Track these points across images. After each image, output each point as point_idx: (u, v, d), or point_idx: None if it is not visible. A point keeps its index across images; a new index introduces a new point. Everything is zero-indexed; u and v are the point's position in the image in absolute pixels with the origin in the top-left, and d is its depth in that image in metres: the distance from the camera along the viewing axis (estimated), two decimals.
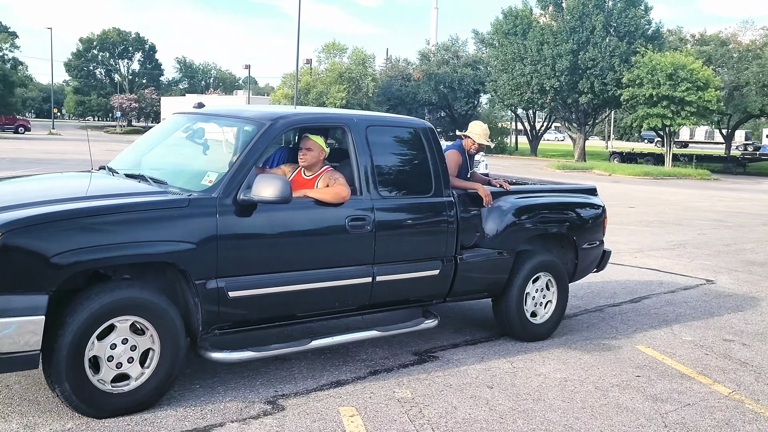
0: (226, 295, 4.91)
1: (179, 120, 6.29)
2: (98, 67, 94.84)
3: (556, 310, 7.01)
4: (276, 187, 4.84)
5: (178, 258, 4.71)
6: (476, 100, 65.57)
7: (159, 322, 4.67)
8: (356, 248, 5.55)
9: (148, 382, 4.71)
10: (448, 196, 6.13)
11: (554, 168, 43.93)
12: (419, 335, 6.87)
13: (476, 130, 7.07)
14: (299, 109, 6.07)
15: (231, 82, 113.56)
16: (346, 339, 5.75)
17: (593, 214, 7.37)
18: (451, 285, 6.23)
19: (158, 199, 4.85)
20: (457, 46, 65.63)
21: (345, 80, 60.43)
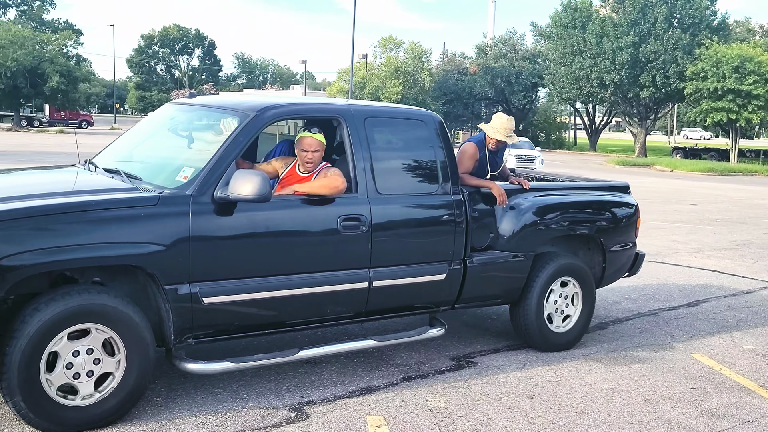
0: (200, 302, 4.51)
1: (170, 111, 5.90)
2: (159, 63, 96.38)
3: (581, 318, 6.45)
4: (254, 185, 4.44)
5: (145, 261, 4.32)
6: (534, 94, 64.54)
7: (123, 330, 4.29)
8: (350, 250, 5.10)
9: (113, 395, 4.33)
10: (457, 193, 5.65)
11: (613, 163, 42.92)
12: (459, 338, 6.52)
13: (494, 123, 6.45)
14: (291, 98, 5.66)
15: (288, 77, 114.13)
16: (337, 349, 5.30)
17: (624, 214, 6.79)
18: (459, 290, 5.74)
19: (123, 197, 4.48)
20: (514, 39, 64.69)
21: (401, 75, 60.06)
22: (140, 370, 4.39)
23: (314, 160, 5.12)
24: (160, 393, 4.95)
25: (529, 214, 6.06)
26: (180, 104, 5.80)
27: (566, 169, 35.13)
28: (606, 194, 6.85)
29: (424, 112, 5.83)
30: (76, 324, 4.15)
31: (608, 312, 7.83)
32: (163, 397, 4.88)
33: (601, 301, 8.16)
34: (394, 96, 58.06)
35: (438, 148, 5.63)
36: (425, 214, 5.52)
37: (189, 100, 5.73)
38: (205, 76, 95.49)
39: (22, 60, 58.61)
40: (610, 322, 7.43)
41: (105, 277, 4.52)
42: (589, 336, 6.88)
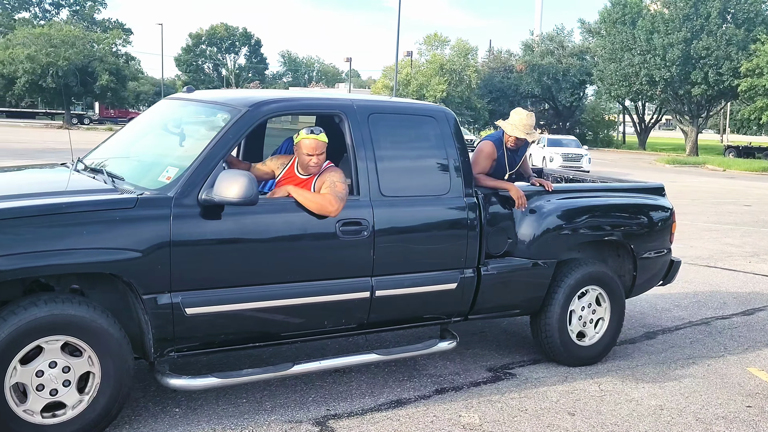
0: (182, 312, 4.15)
1: (166, 107, 5.53)
2: (206, 62, 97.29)
3: (609, 330, 5.94)
4: (239, 187, 4.07)
5: (120, 268, 3.98)
6: (582, 91, 63.53)
7: (97, 343, 3.96)
8: (350, 257, 4.69)
9: (86, 413, 4.00)
10: (470, 196, 5.20)
11: (663, 162, 41.88)
12: (497, 347, 6.14)
13: (512, 120, 5.94)
14: (289, 93, 5.24)
15: (334, 75, 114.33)
16: (335, 364, 4.90)
17: (657, 218, 6.25)
18: (473, 300, 5.29)
19: (96, 199, 4.13)
20: (562, 36, 63.72)
21: (446, 72, 59.57)
22: (116, 384, 4.05)
23: (319, 163, 4.71)
24: (180, 403, 4.67)
25: (551, 218, 5.58)
26: (177, 99, 5.44)
27: (614, 168, 34.36)
28: (638, 196, 6.32)
29: (435, 108, 5.39)
30: (44, 337, 3.83)
31: (657, 320, 7.34)
32: (183, 408, 4.61)
33: (650, 308, 7.68)
34: (439, 93, 57.64)
35: (450, 147, 5.18)
36: (434, 218, 5.09)
37: (185, 95, 5.35)
38: (252, 74, 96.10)
39: (72, 59, 59.58)
40: (659, 332, 6.95)
41: (84, 285, 4.20)
42: (636, 347, 6.44)
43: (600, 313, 5.92)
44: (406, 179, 5.03)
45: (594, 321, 5.90)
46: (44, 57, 58.58)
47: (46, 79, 59.34)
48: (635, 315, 7.45)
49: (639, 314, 7.51)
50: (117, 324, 4.06)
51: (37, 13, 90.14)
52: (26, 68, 58.83)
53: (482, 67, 64.71)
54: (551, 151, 31.08)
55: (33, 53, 58.84)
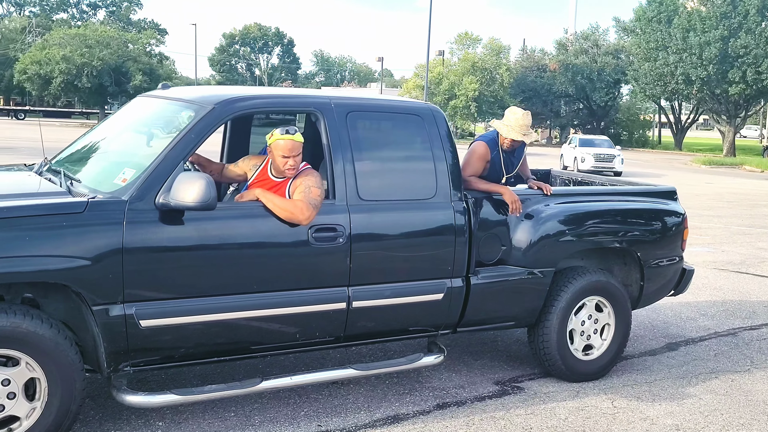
0: (136, 324, 3.87)
1: (140, 104, 5.25)
2: (239, 62, 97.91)
3: (613, 344, 5.55)
4: (196, 190, 3.78)
5: (67, 277, 3.71)
6: (616, 90, 62.48)
7: (29, 348, 3.68)
8: (323, 266, 4.38)
9: (43, 418, 3.76)
10: (459, 200, 4.85)
11: (699, 163, 40.91)
12: (506, 359, 5.80)
13: (507, 120, 5.54)
14: (258, 90, 4.89)
15: (366, 74, 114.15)
16: (308, 379, 4.57)
17: (667, 224, 5.81)
18: (461, 312, 4.94)
19: (42, 203, 3.86)
20: (597, 34, 62.74)
21: (478, 71, 59.00)
22: (66, 383, 3.80)
23: (295, 165, 4.38)
24: (164, 416, 4.44)
25: (548, 223, 5.20)
26: (151, 97, 5.16)
27: (647, 168, 33.63)
28: (646, 200, 5.89)
29: (421, 105, 5.04)
30: None
31: (681, 330, 6.93)
32: (167, 422, 4.38)
33: (675, 317, 7.28)
34: (471, 92, 57.10)
35: (436, 147, 4.83)
36: (418, 224, 4.74)
37: (159, 92, 5.07)
38: (284, 73, 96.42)
39: (107, 59, 60.23)
40: (682, 343, 6.55)
41: (37, 294, 3.94)
42: (656, 359, 6.06)
43: (603, 325, 5.53)
44: (388, 182, 4.71)
45: (596, 334, 5.52)
46: (79, 57, 59.29)
47: (81, 79, 60.04)
48: (658, 324, 7.07)
49: (662, 323, 7.11)
50: (47, 322, 3.78)
51: (74, 14, 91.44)
52: (62, 68, 59.56)
53: (515, 65, 64.00)
54: (583, 152, 30.46)
55: (68, 54, 59.59)
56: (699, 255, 10.63)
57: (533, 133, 5.58)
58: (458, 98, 57.86)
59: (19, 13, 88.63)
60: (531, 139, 5.53)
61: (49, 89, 62.58)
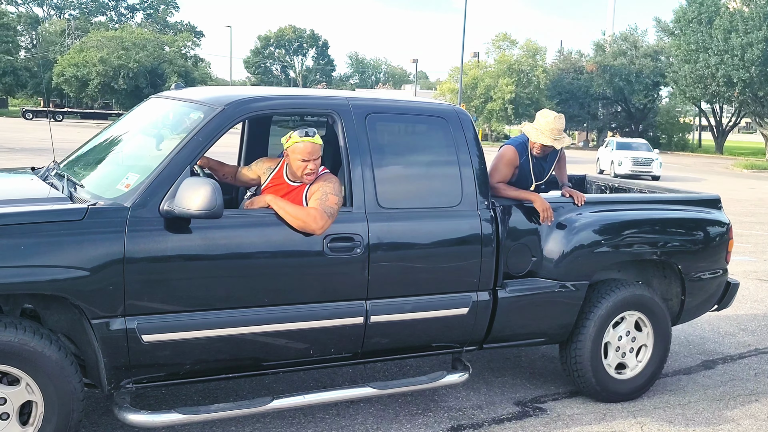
0: (138, 339, 3.64)
1: (153, 105, 5.04)
2: (274, 64, 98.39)
3: (651, 362, 5.20)
4: (200, 197, 3.54)
5: (66, 289, 3.50)
6: (656, 93, 61.51)
7: (33, 369, 3.48)
8: (339, 278, 4.11)
9: None
10: (486, 207, 4.56)
11: (740, 168, 39.90)
12: (529, 377, 5.47)
13: (537, 123, 5.22)
14: (273, 90, 4.62)
15: (401, 76, 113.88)
16: (322, 398, 4.29)
17: (710, 234, 5.44)
18: (488, 327, 4.64)
19: (39, 210, 3.64)
20: (635, 35, 61.84)
21: (514, 73, 58.45)
22: (62, 410, 3.58)
23: (315, 170, 4.13)
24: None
25: (582, 233, 4.87)
26: (163, 98, 4.93)
27: (687, 173, 32.87)
28: (687, 209, 5.52)
29: (446, 107, 4.74)
30: None
31: (719, 346, 6.52)
32: None
33: (712, 332, 6.87)
34: (507, 95, 56.59)
35: (462, 152, 4.53)
36: (442, 234, 4.43)
37: (172, 93, 4.84)
38: (319, 75, 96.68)
39: (143, 61, 60.83)
40: (720, 360, 6.15)
41: (38, 305, 3.73)
42: (692, 378, 5.68)
43: (641, 342, 5.18)
44: (409, 189, 4.43)
45: (634, 352, 5.17)
46: (116, 59, 60.00)
47: (117, 80, 60.76)
48: (694, 340, 6.67)
49: (699, 339, 6.71)
50: (56, 344, 3.57)
51: (112, 16, 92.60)
52: (99, 70, 60.33)
53: (551, 67, 63.31)
54: (620, 155, 29.84)
55: (105, 56, 60.31)
56: (740, 264, 10.14)
57: (566, 138, 5.22)
58: (494, 101, 57.35)
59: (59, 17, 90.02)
60: (563, 143, 5.20)
61: (87, 91, 63.40)
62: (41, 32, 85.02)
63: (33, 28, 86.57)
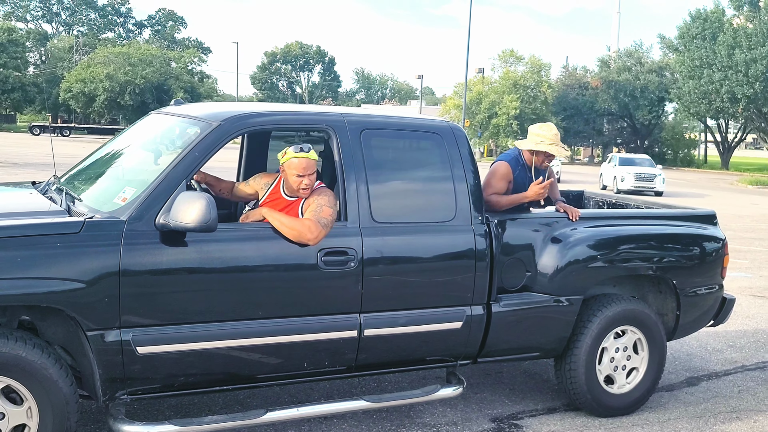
0: (133, 351, 3.68)
1: (152, 121, 5.10)
2: (281, 80, 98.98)
3: (646, 377, 5.22)
4: (195, 211, 3.59)
5: (61, 301, 3.55)
6: (660, 108, 61.53)
7: (42, 396, 3.54)
8: (333, 292, 4.15)
9: None
10: (481, 222, 4.59)
11: (745, 183, 39.88)
12: (508, 392, 5.45)
13: (539, 135, 5.26)
14: (270, 106, 4.70)
15: (407, 92, 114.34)
16: (316, 411, 4.34)
17: (705, 250, 5.47)
18: (482, 341, 4.66)
19: (36, 223, 3.70)
20: (640, 51, 61.99)
21: (519, 89, 58.62)
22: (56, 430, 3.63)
23: (310, 184, 4.19)
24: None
25: (576, 248, 4.90)
26: (163, 113, 5.00)
27: (691, 188, 32.85)
28: (683, 225, 5.55)
29: (441, 123, 4.79)
30: None
31: (705, 363, 6.50)
32: None
33: (700, 348, 6.85)
34: (512, 110, 56.71)
35: (456, 167, 4.58)
36: (436, 248, 4.47)
37: (171, 109, 4.92)
38: (325, 91, 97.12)
39: (149, 77, 61.22)
40: (704, 377, 6.13)
41: (35, 317, 3.78)
42: (674, 395, 5.66)
43: (636, 358, 5.21)
44: (403, 203, 4.47)
45: (628, 367, 5.19)
46: (122, 75, 60.42)
47: (124, 96, 61.18)
48: (681, 356, 6.65)
49: (685, 355, 6.69)
50: (52, 356, 3.63)
51: (121, 33, 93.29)
52: (105, 86, 60.75)
53: (557, 83, 63.47)
54: (623, 171, 29.86)
55: (112, 72, 60.71)
56: (735, 280, 10.10)
57: (561, 148, 5.27)
58: (499, 116, 57.47)
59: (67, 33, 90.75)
60: (561, 154, 5.31)
61: (94, 107, 63.81)
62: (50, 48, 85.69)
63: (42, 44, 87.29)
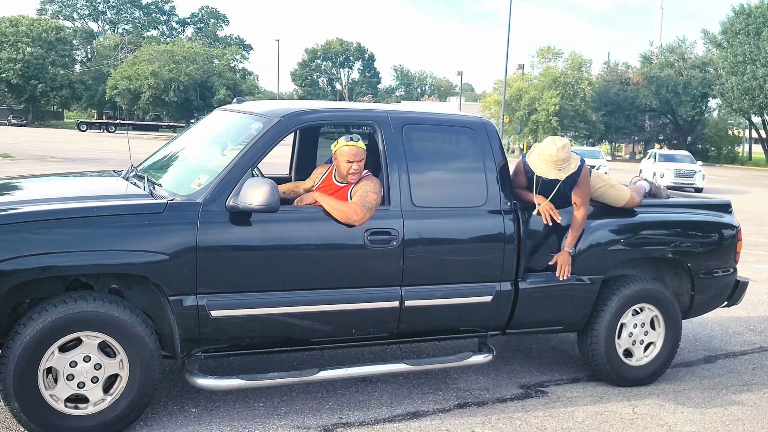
0: (207, 314, 4.31)
1: (217, 117, 5.73)
2: (321, 76, 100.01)
3: (662, 351, 5.71)
4: (261, 194, 4.20)
5: (148, 270, 4.18)
6: (704, 104, 61.05)
7: (126, 341, 4.17)
8: (378, 267, 4.72)
9: (113, 407, 4.20)
10: (509, 208, 5.13)
11: None
12: (536, 365, 5.99)
13: (541, 154, 5.18)
14: (322, 104, 5.30)
15: (446, 89, 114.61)
16: (362, 371, 4.94)
17: (720, 236, 5.94)
18: (510, 315, 5.21)
19: (127, 204, 4.36)
20: (683, 47, 61.56)
21: (559, 85, 58.65)
22: (140, 391, 4.25)
23: (358, 170, 4.78)
24: (198, 403, 4.82)
25: (597, 232, 5.42)
26: (227, 110, 5.65)
27: (732, 185, 32.75)
28: (698, 213, 6.03)
29: (473, 119, 5.34)
30: (75, 332, 4.06)
31: (723, 344, 6.97)
32: (200, 408, 4.75)
33: (721, 331, 7.31)
34: (551, 107, 56.79)
35: (488, 158, 5.13)
36: (468, 230, 5.03)
37: (234, 106, 5.56)
38: (365, 88, 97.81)
39: (193, 74, 62.49)
40: (722, 356, 6.59)
41: (122, 285, 4.42)
42: (691, 370, 6.14)
43: (653, 333, 5.70)
44: (440, 190, 5.03)
45: (646, 340, 5.69)
46: (167, 72, 61.73)
47: (168, 93, 62.53)
48: (701, 337, 7.11)
49: (706, 337, 7.16)
50: (154, 335, 4.27)
51: (164, 30, 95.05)
52: (150, 83, 62.16)
53: (597, 79, 63.29)
54: (663, 167, 30.00)
55: (157, 69, 62.08)
56: (763, 272, 10.49)
57: (572, 163, 5.16)
58: (539, 113, 57.58)
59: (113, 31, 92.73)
60: (567, 171, 5.14)
61: (139, 103, 65.29)
62: (96, 46, 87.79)
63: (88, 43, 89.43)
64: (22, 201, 4.48)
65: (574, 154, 5.24)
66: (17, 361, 3.94)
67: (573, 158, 5.19)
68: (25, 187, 5.19)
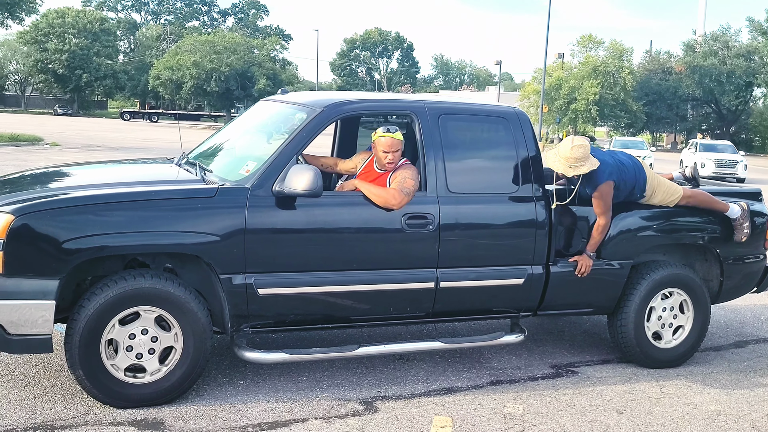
0: (255, 292, 4.62)
1: (263, 107, 6.04)
2: (360, 66, 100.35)
3: (691, 334, 5.88)
4: (306, 180, 4.49)
5: (201, 250, 4.50)
6: (748, 94, 60.03)
7: (181, 315, 4.49)
8: (415, 250, 4.98)
9: (168, 377, 4.54)
10: (541, 195, 5.33)
11: None
12: (568, 347, 6.23)
13: (558, 150, 5.42)
14: (362, 94, 5.57)
15: (485, 78, 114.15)
16: (399, 348, 5.22)
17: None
18: (541, 297, 5.43)
19: (181, 188, 4.67)
20: (727, 35, 60.51)
21: (599, 74, 58.11)
22: (192, 362, 4.56)
23: (394, 160, 5.04)
24: (246, 376, 5.14)
25: (626, 219, 5.62)
26: (271, 101, 5.96)
27: None
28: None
29: (507, 109, 5.56)
30: (135, 306, 4.40)
31: (755, 330, 7.11)
32: (247, 381, 5.07)
33: (753, 318, 7.45)
34: (591, 96, 56.32)
35: (521, 147, 5.35)
36: (501, 215, 5.27)
37: (278, 97, 5.86)
38: (404, 77, 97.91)
39: (234, 64, 63.20)
40: (752, 341, 6.74)
41: (176, 264, 4.74)
42: (719, 353, 6.31)
43: (682, 317, 5.87)
44: (474, 177, 5.26)
45: (675, 324, 5.86)
46: (208, 63, 62.52)
47: (210, 83, 63.34)
48: (733, 324, 7.26)
49: (738, 323, 7.30)
50: (206, 310, 4.59)
51: (205, 21, 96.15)
52: (192, 73, 63.01)
53: (639, 69, 62.58)
54: (704, 157, 29.74)
55: (198, 60, 62.92)
56: None
57: (585, 165, 5.27)
58: (578, 102, 57.17)
59: (155, 22, 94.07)
60: (578, 171, 5.29)
61: (181, 93, 66.25)
62: (138, 37, 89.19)
63: (131, 33, 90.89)
64: (85, 185, 4.83)
65: (593, 159, 5.34)
66: (82, 332, 4.29)
67: (589, 161, 5.29)
68: (85, 173, 5.57)
